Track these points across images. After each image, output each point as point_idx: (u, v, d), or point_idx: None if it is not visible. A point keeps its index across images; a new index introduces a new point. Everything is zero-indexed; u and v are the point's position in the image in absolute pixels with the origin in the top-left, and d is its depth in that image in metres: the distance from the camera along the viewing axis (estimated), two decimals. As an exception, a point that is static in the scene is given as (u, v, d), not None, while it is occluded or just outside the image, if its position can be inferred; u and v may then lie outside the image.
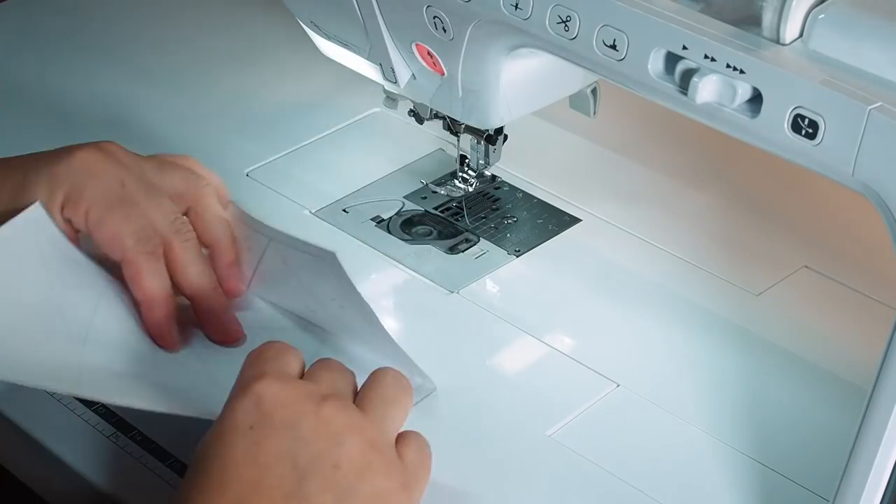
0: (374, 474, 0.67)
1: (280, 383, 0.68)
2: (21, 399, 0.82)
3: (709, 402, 0.82)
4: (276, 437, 0.66)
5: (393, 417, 0.71)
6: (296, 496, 0.65)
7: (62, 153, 0.82)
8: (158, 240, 0.81)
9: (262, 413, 0.67)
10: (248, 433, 0.67)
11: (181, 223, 0.82)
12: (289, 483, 0.65)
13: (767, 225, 0.96)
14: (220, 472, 0.66)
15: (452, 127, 0.92)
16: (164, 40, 1.16)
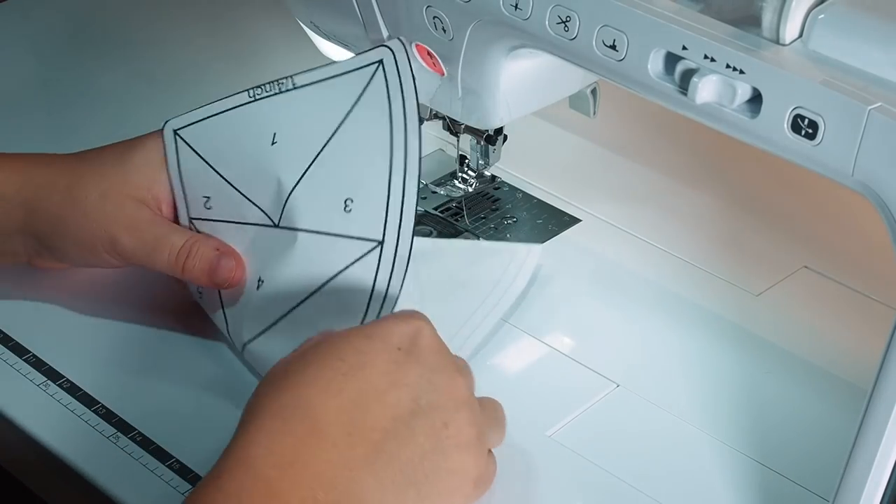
0: (468, 454, 0.70)
1: (437, 335, 0.72)
2: (21, 399, 0.82)
3: (709, 401, 0.82)
4: (417, 368, 0.70)
5: (497, 431, 0.76)
6: (402, 422, 0.68)
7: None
8: None
9: (414, 344, 0.70)
10: (395, 352, 0.70)
11: None
12: (404, 409, 0.68)
13: (767, 225, 0.96)
14: (355, 364, 0.69)
15: (452, 127, 0.92)
16: (164, 40, 1.16)
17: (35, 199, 0.84)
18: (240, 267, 0.83)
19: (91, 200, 0.83)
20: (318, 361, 0.69)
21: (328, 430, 0.66)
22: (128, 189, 0.83)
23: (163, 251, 0.83)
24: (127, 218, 0.83)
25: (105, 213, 0.83)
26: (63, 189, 0.83)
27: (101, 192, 0.83)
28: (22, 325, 0.87)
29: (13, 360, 0.85)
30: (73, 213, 0.83)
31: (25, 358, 0.85)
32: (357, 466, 0.66)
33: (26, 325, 0.87)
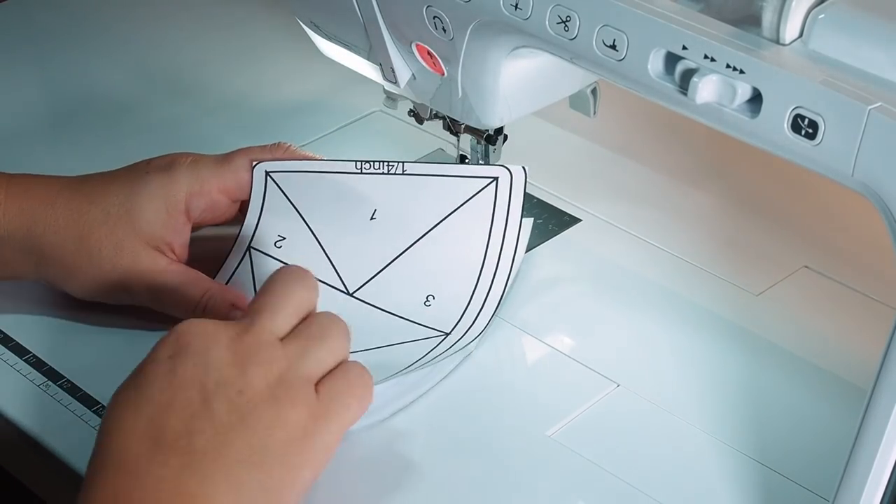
0: (278, 403, 0.69)
1: (201, 321, 0.72)
2: (22, 399, 0.82)
3: (708, 401, 0.82)
4: (190, 363, 0.69)
5: (314, 354, 0.72)
6: (200, 415, 0.68)
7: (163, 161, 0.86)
8: None
9: (179, 344, 0.70)
10: (166, 362, 0.70)
11: None
12: (196, 404, 0.68)
13: (767, 225, 0.96)
14: (136, 395, 0.69)
15: (452, 127, 0.92)
16: (164, 40, 1.16)
17: (46, 246, 0.84)
18: None
19: (105, 254, 0.83)
20: (113, 407, 0.70)
21: (135, 465, 0.66)
22: (140, 242, 0.84)
23: (179, 304, 0.84)
24: (143, 270, 0.84)
25: (121, 265, 0.83)
26: (74, 239, 0.83)
27: (114, 244, 0.83)
28: (22, 326, 0.87)
29: (13, 360, 0.85)
30: (88, 265, 0.84)
31: (26, 358, 0.85)
32: (178, 478, 0.66)
33: (26, 326, 0.87)
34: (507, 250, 0.85)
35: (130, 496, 0.66)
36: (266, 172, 0.86)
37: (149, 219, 0.84)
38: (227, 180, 0.86)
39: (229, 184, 0.86)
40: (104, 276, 0.84)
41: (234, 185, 0.87)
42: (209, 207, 0.86)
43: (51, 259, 0.84)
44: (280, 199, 0.87)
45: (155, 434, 0.67)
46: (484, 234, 0.84)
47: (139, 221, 0.84)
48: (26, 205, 0.84)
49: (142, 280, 0.84)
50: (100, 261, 0.83)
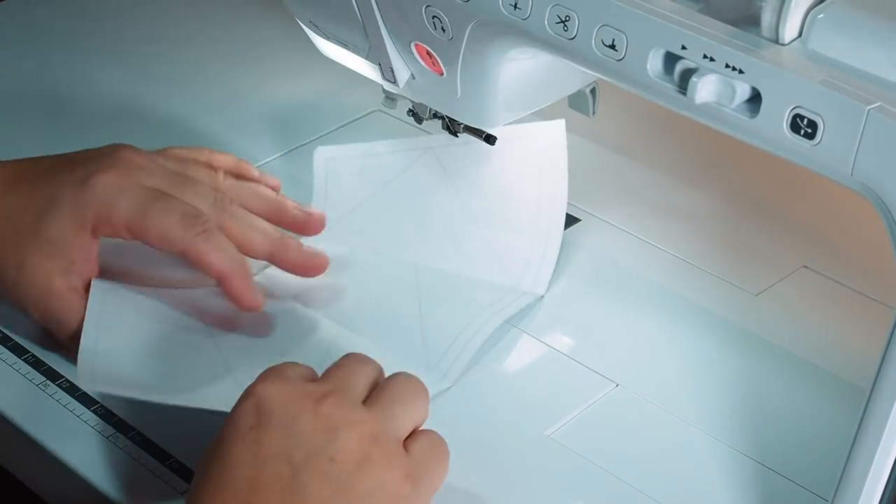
0: (373, 465, 0.68)
1: (280, 383, 0.69)
2: (21, 399, 0.82)
3: (708, 401, 0.82)
4: (274, 435, 0.67)
5: (400, 414, 0.71)
6: (292, 490, 0.66)
7: (82, 178, 0.83)
8: (206, 218, 0.82)
9: (261, 413, 0.68)
10: (249, 434, 0.68)
11: (220, 199, 0.84)
12: (285, 479, 0.66)
13: (767, 225, 0.96)
14: (220, 472, 0.67)
15: (452, 127, 0.92)
16: (164, 40, 1.16)
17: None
18: None
19: (10, 273, 0.83)
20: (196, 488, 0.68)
21: None
22: (42, 261, 0.82)
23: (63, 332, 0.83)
24: (38, 291, 0.82)
25: (20, 285, 0.82)
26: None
27: (17, 264, 0.82)
28: (21, 325, 0.87)
29: (12, 360, 0.85)
30: (2, 288, 0.84)
31: (25, 358, 0.85)
32: None
33: (26, 325, 0.87)
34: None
35: None
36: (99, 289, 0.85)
37: (53, 239, 0.82)
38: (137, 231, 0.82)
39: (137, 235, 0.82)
40: (8, 293, 0.84)
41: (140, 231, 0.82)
42: (114, 236, 0.83)
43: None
44: None
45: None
46: None
47: (43, 241, 0.82)
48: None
49: (34, 300, 0.83)
50: (5, 278, 0.83)
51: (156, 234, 0.82)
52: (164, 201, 0.82)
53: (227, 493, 0.66)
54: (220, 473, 0.67)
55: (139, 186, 0.83)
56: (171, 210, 0.82)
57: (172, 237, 0.81)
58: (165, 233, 0.81)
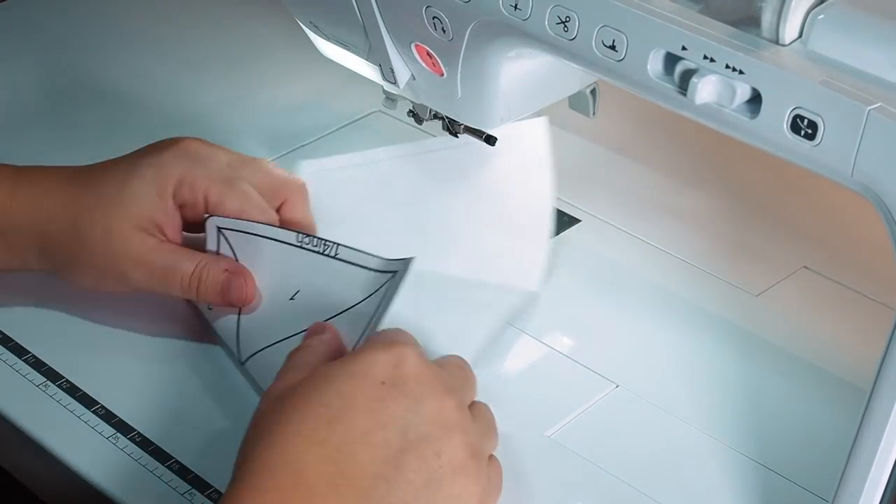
0: (466, 476, 0.69)
1: (422, 359, 0.71)
2: (21, 399, 0.82)
3: (708, 402, 0.82)
4: (402, 403, 0.68)
5: (492, 438, 0.74)
6: (392, 463, 0.67)
7: (163, 144, 0.86)
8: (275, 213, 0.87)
9: (398, 375, 0.69)
10: (379, 387, 0.69)
11: None
12: (392, 448, 0.67)
13: (767, 225, 0.96)
14: (339, 407, 0.67)
15: (452, 127, 0.92)
16: (164, 40, 1.16)
17: (47, 234, 0.84)
18: (250, 285, 0.84)
19: (97, 238, 0.83)
20: (302, 409, 0.68)
21: (314, 484, 0.65)
22: (130, 222, 0.83)
23: (174, 279, 0.83)
24: (133, 252, 0.83)
25: (112, 249, 0.83)
26: (70, 224, 0.83)
27: (104, 227, 0.83)
28: (22, 326, 0.87)
29: (13, 360, 0.85)
30: (80, 249, 0.84)
31: (25, 358, 0.85)
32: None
33: (26, 326, 0.87)
34: None
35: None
36: (217, 228, 0.86)
37: (139, 202, 0.83)
38: (215, 197, 0.85)
39: (213, 201, 0.85)
40: (96, 261, 0.83)
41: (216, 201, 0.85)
42: (190, 203, 0.85)
43: (50, 247, 0.84)
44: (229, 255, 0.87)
45: (342, 462, 0.66)
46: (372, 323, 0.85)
47: (129, 203, 0.83)
48: (31, 193, 0.84)
49: (133, 262, 0.83)
50: (91, 245, 0.83)
51: (232, 210, 0.84)
52: (244, 188, 0.85)
53: (336, 432, 0.67)
54: (338, 409, 0.67)
55: (220, 163, 0.86)
56: (250, 196, 0.85)
57: (249, 215, 0.85)
58: (243, 209, 0.85)
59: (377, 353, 0.70)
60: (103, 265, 0.84)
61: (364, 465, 0.66)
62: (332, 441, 0.66)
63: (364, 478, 0.66)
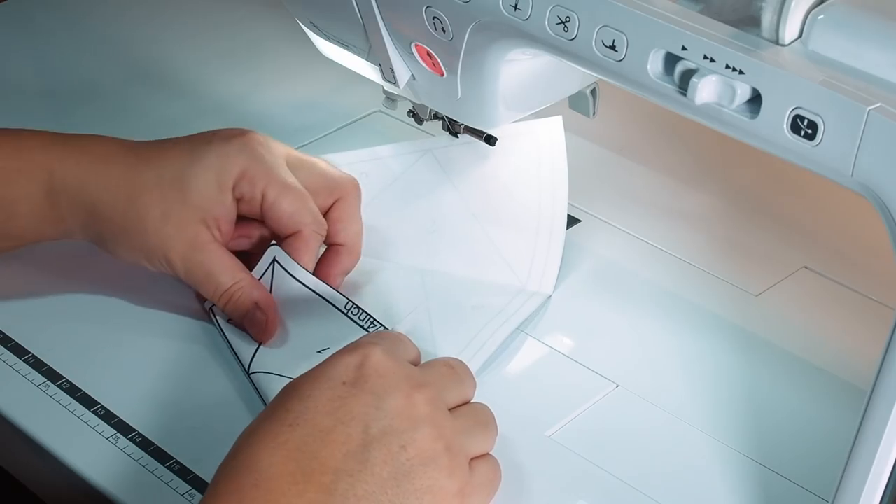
0: (437, 468, 0.69)
1: (388, 355, 0.71)
2: (21, 399, 0.82)
3: (708, 402, 0.82)
4: (362, 399, 0.68)
5: (477, 435, 0.73)
6: (356, 457, 0.67)
7: (228, 133, 0.86)
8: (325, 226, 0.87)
9: (359, 374, 0.69)
10: (340, 387, 0.69)
11: None
12: (354, 443, 0.67)
13: (767, 225, 0.96)
14: (301, 410, 0.68)
15: (452, 127, 0.92)
16: (164, 40, 1.16)
17: (98, 202, 0.84)
18: (271, 327, 0.84)
19: (152, 218, 0.83)
20: (266, 415, 0.69)
21: (275, 482, 0.65)
22: (188, 212, 0.83)
23: (209, 286, 0.84)
24: (185, 242, 0.84)
25: (166, 233, 0.83)
26: (124, 200, 0.83)
27: (162, 211, 0.83)
28: (22, 326, 0.87)
29: (13, 360, 0.85)
30: (134, 226, 0.84)
31: (25, 358, 0.85)
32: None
33: (26, 326, 0.87)
34: None
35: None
36: (273, 259, 0.86)
37: (200, 191, 0.84)
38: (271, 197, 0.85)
39: (269, 200, 0.85)
40: (148, 240, 0.84)
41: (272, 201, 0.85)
42: (248, 198, 0.85)
43: (100, 216, 0.84)
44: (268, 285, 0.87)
45: (303, 461, 0.66)
46: None
47: (190, 191, 0.83)
48: (84, 160, 0.84)
49: (180, 251, 0.84)
50: (146, 224, 0.83)
51: (285, 211, 0.85)
52: (301, 192, 0.86)
53: (297, 432, 0.67)
54: (299, 412, 0.68)
55: (281, 163, 0.86)
56: (305, 200, 0.86)
57: (299, 220, 0.85)
58: (294, 214, 0.85)
59: (341, 356, 0.70)
60: (153, 246, 0.84)
61: (326, 461, 0.66)
62: (293, 441, 0.67)
63: (326, 473, 0.66)
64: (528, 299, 0.88)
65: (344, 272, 0.89)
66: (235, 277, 0.84)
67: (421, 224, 0.92)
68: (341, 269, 0.88)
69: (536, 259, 0.90)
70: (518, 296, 0.89)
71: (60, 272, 0.90)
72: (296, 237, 0.86)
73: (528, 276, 0.90)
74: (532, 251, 0.90)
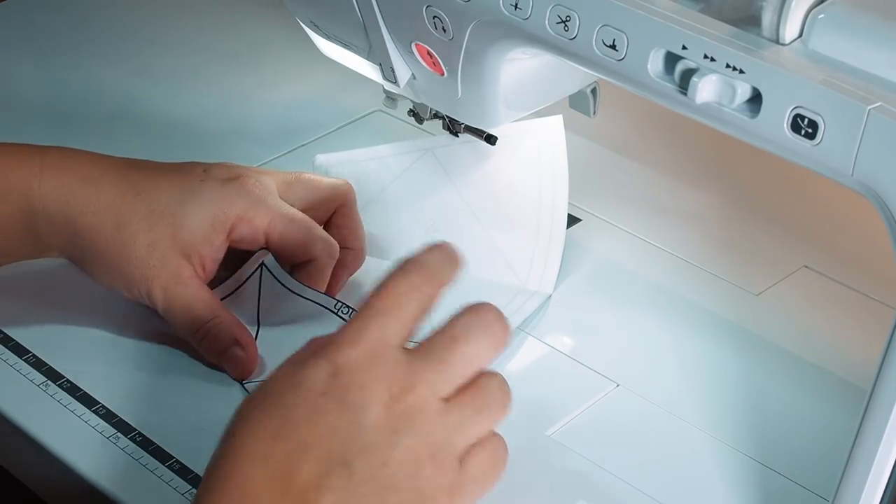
0: (422, 480, 0.66)
1: (366, 355, 0.67)
2: (22, 399, 0.82)
3: (708, 401, 0.82)
4: (343, 416, 0.65)
5: (472, 426, 0.68)
6: (339, 474, 0.65)
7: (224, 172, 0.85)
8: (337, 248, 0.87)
9: (338, 384, 0.66)
10: (319, 399, 0.66)
11: None
12: (336, 459, 0.65)
13: (767, 225, 0.96)
14: (281, 423, 0.66)
15: (452, 127, 0.92)
16: (164, 40, 1.16)
17: (82, 226, 0.83)
18: (250, 363, 0.83)
19: (138, 248, 0.83)
20: (249, 422, 0.66)
21: (261, 499, 0.64)
22: (176, 247, 0.83)
23: (185, 320, 0.83)
24: (168, 275, 0.83)
25: (149, 265, 0.83)
26: (112, 225, 0.83)
27: (149, 242, 0.83)
28: (22, 325, 0.87)
29: (13, 360, 0.85)
30: (118, 254, 0.83)
31: (25, 358, 0.85)
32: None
33: (26, 325, 0.87)
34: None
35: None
36: (262, 263, 0.86)
37: (192, 228, 0.83)
38: (276, 233, 0.85)
39: (275, 237, 0.85)
40: (131, 270, 0.83)
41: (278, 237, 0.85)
42: (248, 240, 0.85)
43: (83, 240, 0.83)
44: (252, 295, 0.87)
45: (286, 476, 0.64)
46: None
47: (181, 228, 0.83)
48: (65, 180, 0.83)
49: (163, 283, 0.83)
50: (131, 253, 0.83)
51: (293, 241, 0.85)
52: (306, 221, 0.86)
53: (277, 449, 0.65)
54: (277, 426, 0.65)
55: (279, 199, 0.86)
56: (313, 228, 0.86)
57: (312, 246, 0.86)
58: (308, 239, 0.85)
59: (318, 361, 0.67)
60: (135, 277, 0.83)
61: (310, 478, 0.65)
62: (276, 455, 0.65)
63: (310, 490, 0.64)
64: (529, 299, 0.88)
65: (349, 274, 0.89)
66: (213, 312, 0.83)
67: (421, 223, 0.92)
68: (348, 273, 0.89)
69: (537, 258, 0.90)
70: (518, 295, 0.89)
71: (61, 272, 0.90)
72: (311, 265, 0.86)
73: (528, 275, 0.90)
74: (532, 250, 0.90)
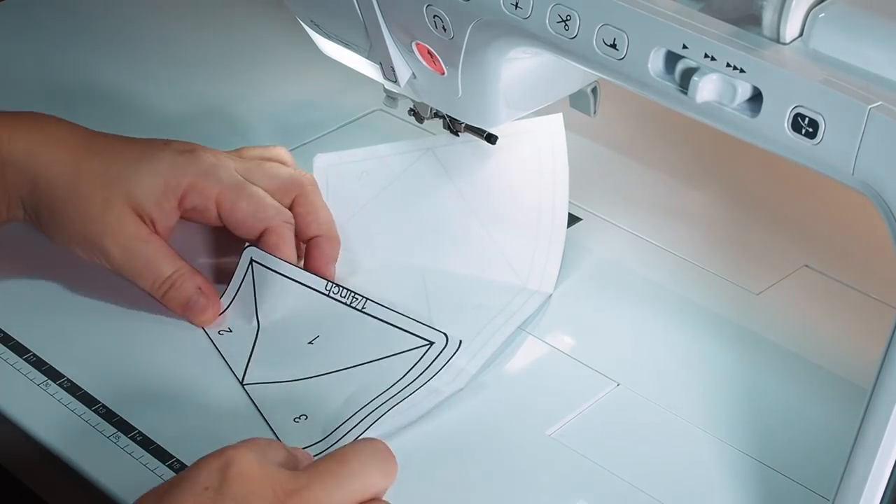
0: None
1: (254, 460, 0.67)
2: (21, 398, 0.82)
3: (709, 401, 0.82)
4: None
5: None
6: None
7: (180, 146, 0.88)
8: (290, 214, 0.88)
9: (223, 478, 0.65)
10: (203, 493, 0.65)
11: None
12: None
13: (767, 224, 0.96)
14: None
15: (452, 126, 0.92)
16: (165, 40, 1.16)
17: (41, 178, 0.85)
18: (213, 310, 0.85)
19: (93, 204, 0.84)
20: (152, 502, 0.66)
21: None
22: (130, 204, 0.85)
23: (148, 275, 0.85)
24: (124, 233, 0.85)
25: (104, 222, 0.84)
26: (68, 180, 0.84)
27: (104, 198, 0.84)
28: (22, 325, 0.87)
29: (13, 359, 0.85)
30: (74, 209, 0.85)
31: (25, 357, 0.85)
32: None
33: (26, 325, 0.87)
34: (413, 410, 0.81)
35: None
36: (251, 259, 0.87)
37: (144, 190, 0.85)
38: (227, 203, 0.87)
39: (226, 207, 0.87)
40: (86, 226, 0.85)
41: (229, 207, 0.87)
42: (200, 209, 0.87)
43: (41, 193, 0.85)
44: (249, 292, 0.87)
45: None
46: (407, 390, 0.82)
47: (134, 188, 0.85)
48: (33, 137, 0.86)
49: (120, 242, 0.85)
50: (86, 208, 0.84)
51: (245, 212, 0.86)
52: (256, 190, 0.88)
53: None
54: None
55: (232, 170, 0.88)
56: (263, 197, 0.87)
57: (263, 216, 0.87)
58: (256, 211, 0.87)
59: (207, 460, 0.67)
60: (91, 233, 0.85)
61: None
62: None
63: None
64: (529, 298, 0.88)
65: (332, 261, 0.89)
66: (176, 265, 0.85)
67: (421, 223, 0.92)
68: (328, 259, 0.89)
69: (537, 258, 0.90)
70: (519, 295, 0.89)
71: (61, 272, 0.90)
72: (268, 233, 0.87)
73: (528, 274, 0.90)
74: (533, 250, 0.90)
